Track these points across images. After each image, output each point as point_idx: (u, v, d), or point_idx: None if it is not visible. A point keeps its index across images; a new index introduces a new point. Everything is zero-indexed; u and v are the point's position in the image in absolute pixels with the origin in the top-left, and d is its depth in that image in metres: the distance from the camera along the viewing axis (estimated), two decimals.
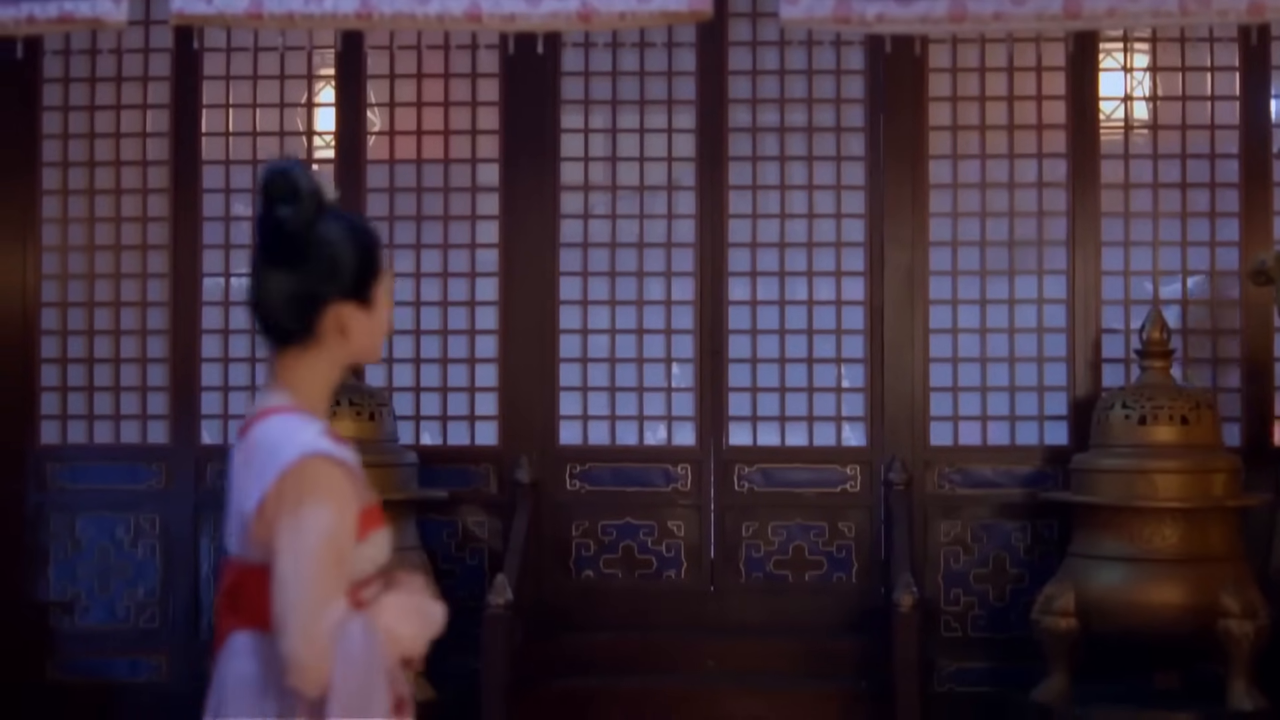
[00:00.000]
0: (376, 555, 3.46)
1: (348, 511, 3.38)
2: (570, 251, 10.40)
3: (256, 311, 3.53)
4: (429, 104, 10.49)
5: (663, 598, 10.15)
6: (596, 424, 10.39)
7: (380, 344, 3.63)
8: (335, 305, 3.48)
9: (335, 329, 3.49)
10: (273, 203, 3.46)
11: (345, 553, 3.36)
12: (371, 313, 3.53)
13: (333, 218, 3.51)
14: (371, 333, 3.55)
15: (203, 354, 10.43)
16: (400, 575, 3.53)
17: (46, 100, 10.55)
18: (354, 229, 3.53)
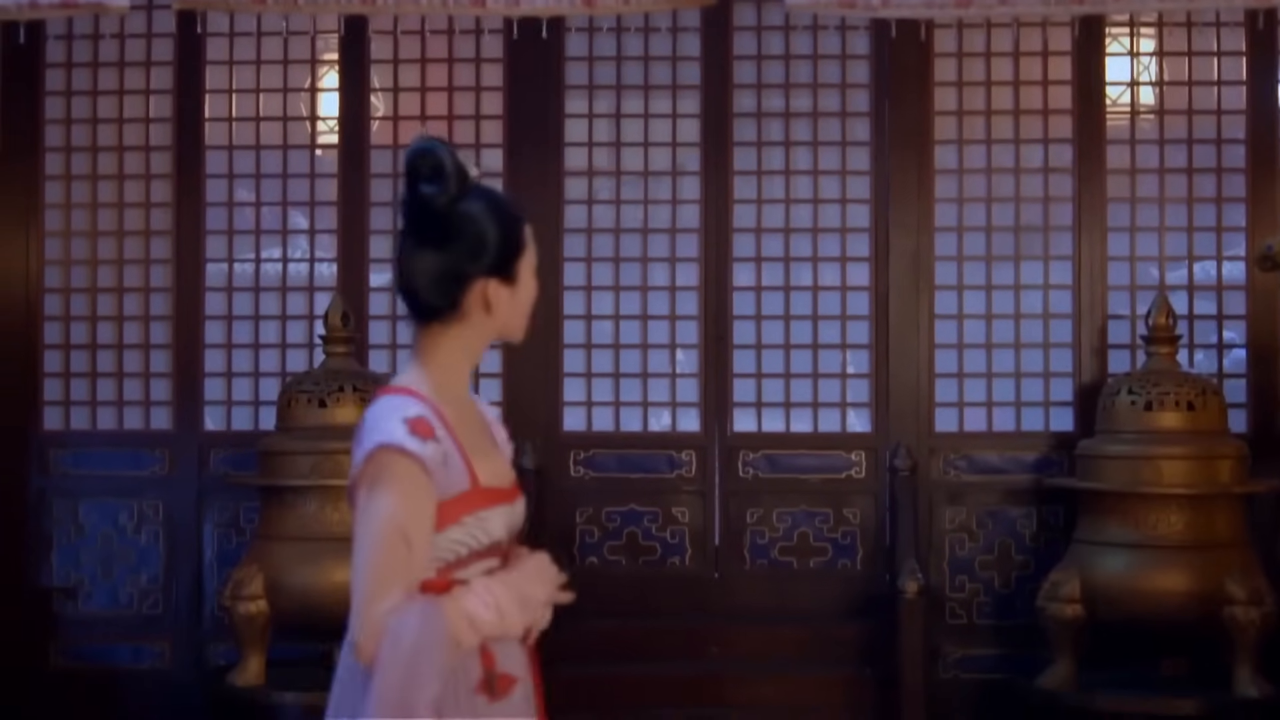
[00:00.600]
0: (471, 538, 3.48)
1: (414, 501, 3.39)
2: (574, 237, 10.39)
3: (402, 289, 3.60)
4: (433, 89, 10.47)
5: (667, 584, 10.13)
6: (600, 410, 10.38)
7: (524, 320, 3.69)
8: (480, 282, 3.56)
9: (480, 306, 3.57)
10: (417, 181, 3.55)
11: (411, 540, 3.37)
12: (516, 289, 3.62)
13: (477, 195, 3.59)
14: (516, 309, 3.64)
15: (206, 340, 10.41)
16: (517, 554, 3.58)
17: (49, 85, 10.52)
18: (498, 206, 3.61)
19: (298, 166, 10.48)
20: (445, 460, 3.46)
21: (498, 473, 3.59)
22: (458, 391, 3.60)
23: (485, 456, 3.58)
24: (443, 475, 3.45)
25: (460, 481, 3.47)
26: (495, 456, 3.64)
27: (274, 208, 10.52)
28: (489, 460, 3.59)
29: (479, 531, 3.49)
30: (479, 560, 3.50)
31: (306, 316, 10.38)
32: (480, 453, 3.56)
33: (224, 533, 10.20)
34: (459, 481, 3.47)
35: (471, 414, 3.65)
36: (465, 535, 3.47)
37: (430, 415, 3.47)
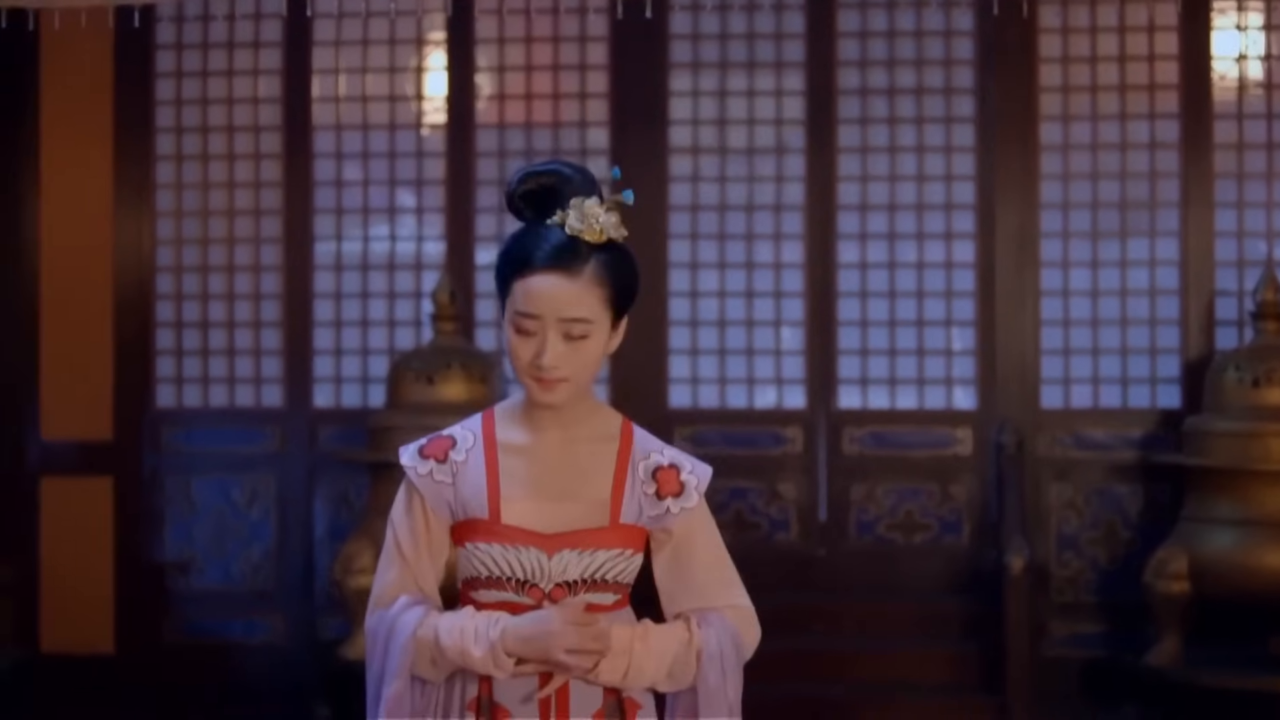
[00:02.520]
0: (470, 565, 3.52)
1: (408, 514, 3.56)
2: (679, 215, 10.42)
3: None
4: (538, 68, 10.52)
5: (772, 560, 10.14)
6: (706, 386, 10.43)
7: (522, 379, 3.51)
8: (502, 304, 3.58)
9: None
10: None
11: (403, 548, 3.54)
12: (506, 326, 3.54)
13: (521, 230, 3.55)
14: (510, 358, 3.54)
15: (315, 318, 10.52)
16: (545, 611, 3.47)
17: (160, 67, 10.65)
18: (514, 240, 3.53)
19: (405, 146, 10.57)
20: (454, 480, 3.53)
21: (549, 517, 3.51)
22: (541, 424, 3.56)
23: (540, 498, 3.53)
24: (448, 493, 3.53)
25: (477, 509, 3.52)
26: (560, 504, 3.53)
27: (381, 187, 10.61)
28: (544, 502, 3.52)
29: (476, 562, 3.50)
30: (492, 589, 3.51)
31: (414, 294, 10.48)
32: (535, 493, 3.53)
33: (334, 508, 10.31)
34: (475, 508, 3.52)
35: (562, 451, 3.57)
36: (466, 560, 3.52)
37: (469, 437, 3.57)
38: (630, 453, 3.61)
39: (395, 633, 3.50)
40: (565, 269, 3.43)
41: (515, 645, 3.43)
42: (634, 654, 3.48)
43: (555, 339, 3.44)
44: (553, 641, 3.40)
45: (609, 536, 3.52)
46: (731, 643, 3.60)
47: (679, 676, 3.55)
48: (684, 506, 3.60)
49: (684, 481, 3.62)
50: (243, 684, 10.27)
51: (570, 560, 3.48)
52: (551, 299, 3.42)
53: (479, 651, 3.43)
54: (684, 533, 3.62)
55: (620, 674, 3.47)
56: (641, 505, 3.57)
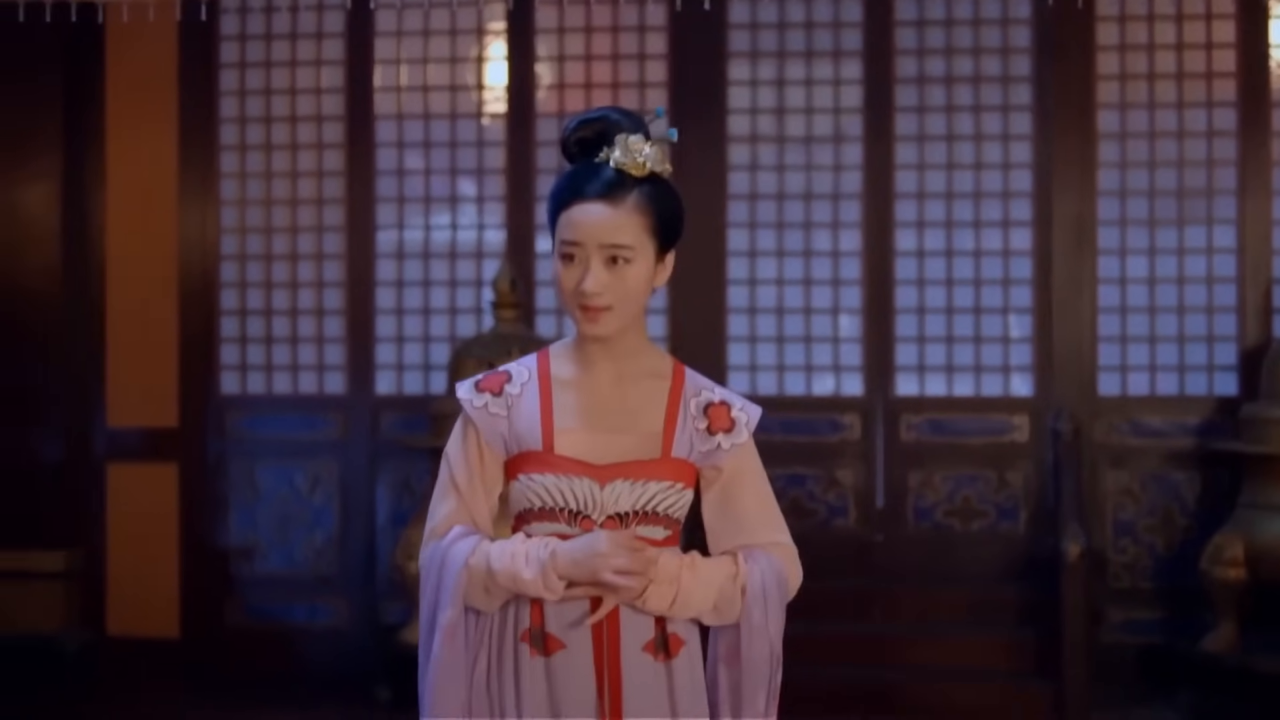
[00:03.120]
0: (524, 497, 3.57)
1: (462, 445, 3.62)
2: (738, 203, 10.49)
3: None
4: (597, 58, 10.60)
5: (830, 546, 10.19)
6: (764, 374, 10.49)
7: (569, 311, 3.60)
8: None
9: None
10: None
11: (456, 480, 3.61)
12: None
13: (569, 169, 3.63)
14: (557, 291, 3.62)
15: (377, 305, 10.63)
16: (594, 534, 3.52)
17: (224, 58, 10.76)
18: (561, 179, 3.61)
19: (465, 135, 10.66)
20: (509, 413, 3.60)
21: (602, 448, 3.59)
22: (594, 361, 3.64)
23: (593, 429, 3.60)
24: (502, 426, 3.60)
25: (531, 441, 3.58)
26: (613, 435, 3.60)
27: (443, 175, 10.70)
28: (597, 434, 3.60)
29: (529, 493, 3.56)
30: (545, 520, 3.57)
31: (475, 282, 10.57)
32: (588, 425, 3.60)
33: (395, 494, 10.41)
34: (529, 440, 3.58)
35: (615, 387, 3.65)
36: (520, 492, 3.57)
37: (525, 373, 3.66)
38: (682, 389, 3.67)
39: (448, 563, 3.56)
40: (607, 197, 3.51)
41: (565, 566, 3.48)
42: (682, 582, 3.54)
43: (598, 265, 3.52)
44: (601, 562, 3.45)
45: (661, 468, 3.58)
46: (775, 580, 3.66)
47: (724, 610, 3.60)
48: (735, 442, 3.65)
49: (735, 418, 3.68)
50: (305, 667, 10.38)
51: (622, 490, 3.55)
52: (593, 226, 3.50)
53: (530, 574, 3.49)
54: (733, 470, 3.67)
55: (668, 602, 3.53)
56: (693, 440, 3.63)
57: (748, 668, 3.64)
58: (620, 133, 3.55)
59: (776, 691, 3.71)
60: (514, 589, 3.52)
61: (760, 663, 3.65)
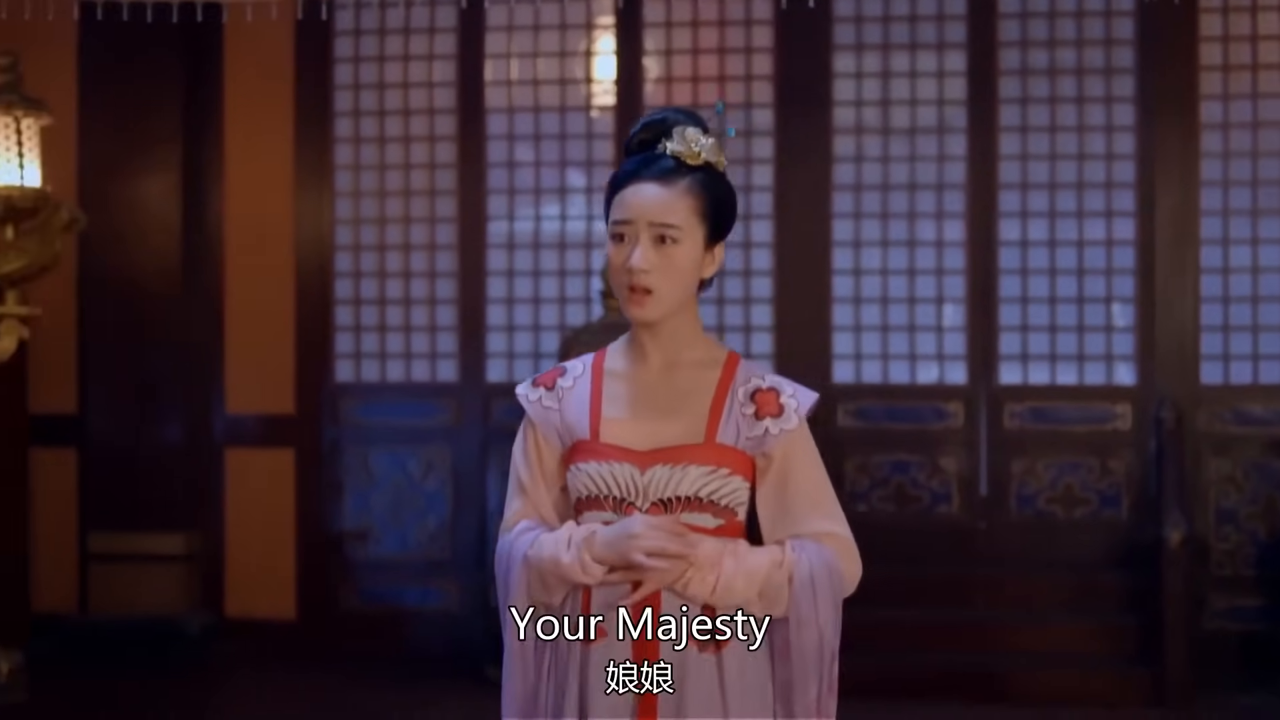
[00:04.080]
0: (574, 486, 3.61)
1: (524, 441, 3.70)
2: (843, 194, 10.60)
3: None
4: (704, 51, 10.73)
5: (934, 533, 10.32)
6: (869, 362, 10.60)
7: (618, 294, 3.61)
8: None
9: None
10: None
11: (520, 475, 3.69)
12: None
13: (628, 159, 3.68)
14: (609, 273, 3.65)
15: (489, 295, 10.81)
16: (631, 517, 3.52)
17: (339, 53, 10.96)
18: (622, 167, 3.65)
19: (575, 128, 10.82)
20: (560, 406, 3.65)
21: (645, 435, 3.58)
22: (647, 352, 3.64)
23: (638, 417, 3.60)
24: (556, 419, 3.65)
25: (580, 431, 3.61)
26: (656, 422, 3.59)
27: (552, 167, 10.87)
28: (641, 421, 3.59)
29: (578, 481, 3.58)
30: (594, 509, 3.58)
31: (584, 272, 10.73)
32: (633, 413, 3.61)
33: (506, 480, 10.52)
34: (579, 430, 3.62)
35: (665, 376, 3.64)
36: (571, 481, 3.61)
37: (580, 366, 3.72)
38: (733, 378, 3.63)
39: (512, 558, 3.61)
40: (659, 179, 3.55)
41: (601, 550, 3.49)
42: (723, 569, 3.48)
43: (646, 244, 3.53)
44: (633, 544, 3.45)
45: (702, 453, 3.54)
46: (825, 569, 3.57)
47: (771, 599, 3.53)
48: (783, 428, 3.60)
49: (783, 404, 3.63)
50: (417, 649, 10.56)
51: (662, 476, 3.53)
52: (643, 205, 3.54)
53: (568, 558, 3.50)
54: (783, 456, 3.61)
55: (709, 588, 3.48)
56: (739, 426, 3.58)
57: (797, 660, 3.56)
58: (679, 126, 3.61)
59: (833, 687, 3.63)
60: (557, 575, 3.52)
61: (810, 655, 3.57)
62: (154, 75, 10.70)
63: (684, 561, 3.46)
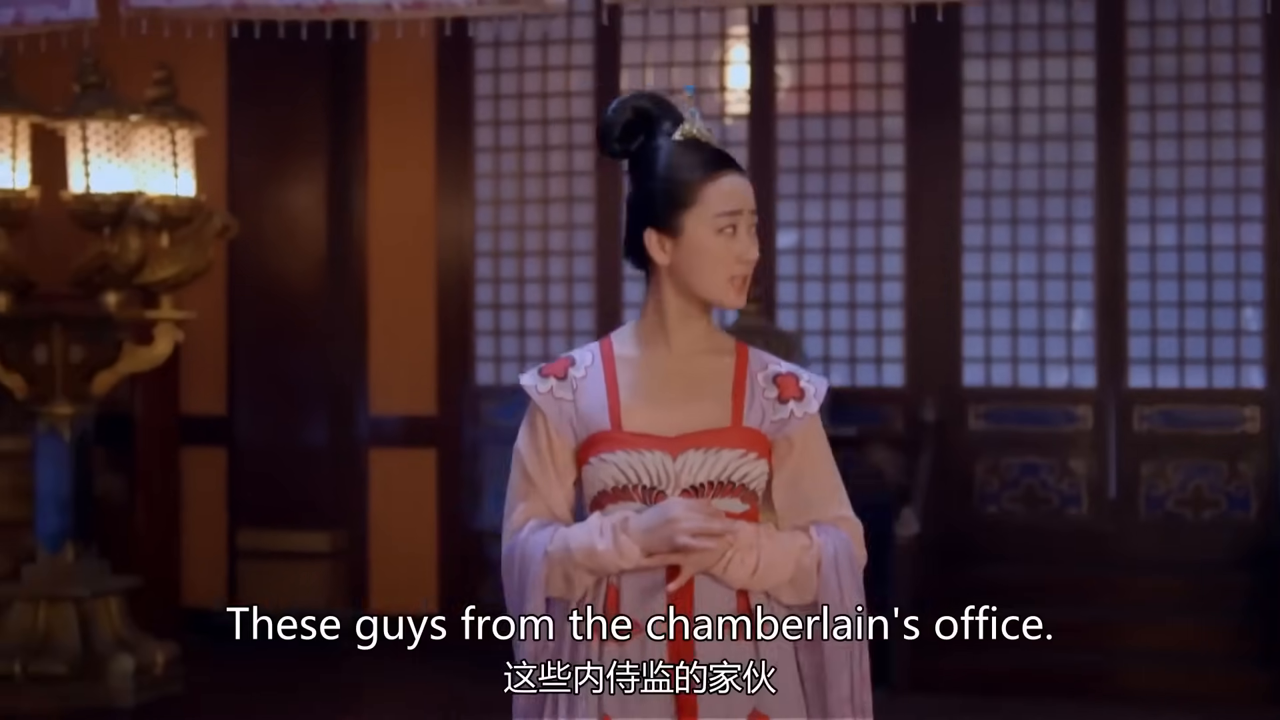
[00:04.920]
0: (598, 478, 3.47)
1: (531, 434, 3.54)
2: (973, 200, 10.75)
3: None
4: (836, 60, 10.91)
5: (1063, 534, 10.43)
6: (999, 366, 10.74)
7: (715, 279, 3.47)
8: (648, 233, 3.48)
9: (655, 258, 3.49)
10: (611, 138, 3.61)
11: (527, 470, 3.53)
12: (680, 243, 3.47)
13: (660, 149, 3.49)
14: (690, 265, 3.47)
15: (624, 299, 11.05)
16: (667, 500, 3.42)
17: (479, 64, 11.24)
18: (667, 158, 3.47)
19: None
20: (575, 396, 3.52)
21: (672, 421, 3.48)
22: (671, 339, 3.53)
23: (661, 404, 3.50)
24: (569, 410, 3.51)
25: (599, 422, 3.49)
26: (681, 407, 3.49)
27: None
28: (665, 408, 3.49)
29: (602, 474, 3.46)
30: (619, 501, 3.47)
31: None
32: (655, 400, 3.50)
33: None
34: (597, 421, 3.50)
35: (682, 363, 3.54)
36: (592, 475, 3.48)
37: (588, 356, 3.58)
38: (748, 364, 3.56)
39: (529, 554, 3.47)
40: (739, 169, 3.53)
41: (640, 535, 3.38)
42: (763, 549, 3.42)
43: (748, 233, 3.49)
44: (675, 526, 3.35)
45: (732, 436, 3.48)
46: (847, 554, 3.51)
47: (801, 584, 3.47)
48: (806, 411, 3.54)
49: (804, 388, 3.57)
50: None
51: (695, 460, 3.45)
52: (746, 194, 3.49)
53: (604, 544, 3.39)
54: (804, 441, 3.55)
55: (749, 569, 3.41)
56: (764, 410, 3.52)
57: (829, 650, 3.48)
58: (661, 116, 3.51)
59: (865, 679, 3.53)
60: (590, 564, 3.41)
61: (839, 643, 3.49)
62: (300, 87, 11.01)
63: (725, 543, 3.38)
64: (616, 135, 3.53)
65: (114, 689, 9.01)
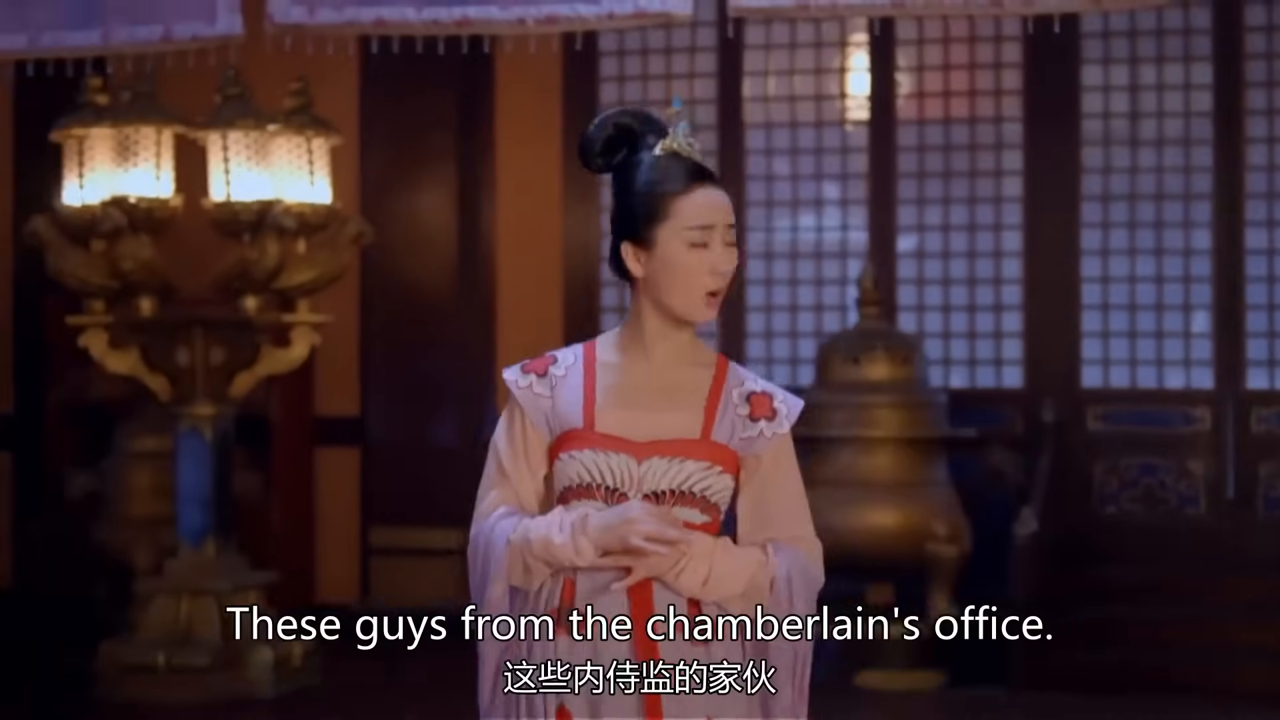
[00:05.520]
0: (565, 475, 3.53)
1: (508, 425, 3.60)
2: (1091, 204, 10.87)
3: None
4: (955, 67, 11.07)
5: (1181, 534, 10.51)
6: (1117, 368, 10.87)
7: (687, 293, 3.47)
8: (625, 246, 3.53)
9: (632, 270, 3.54)
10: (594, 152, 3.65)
11: (501, 459, 3.58)
12: (652, 256, 3.50)
13: (639, 163, 3.53)
14: (663, 278, 3.50)
15: (748, 303, 11.23)
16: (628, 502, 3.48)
17: (604, 72, 11.53)
18: (643, 173, 3.51)
19: (830, 142, 11.22)
20: (552, 394, 3.57)
21: (641, 427, 3.52)
22: (649, 350, 3.56)
23: (634, 408, 3.54)
24: (545, 406, 3.57)
25: (573, 419, 3.54)
26: (653, 414, 3.54)
27: (808, 180, 11.28)
28: (638, 413, 3.53)
29: (570, 469, 3.52)
30: (583, 498, 3.52)
31: (839, 281, 11.12)
32: (630, 405, 3.54)
33: None
34: (571, 419, 3.54)
35: (660, 373, 3.57)
36: (560, 469, 3.54)
37: (570, 356, 3.63)
38: (725, 378, 3.59)
39: (493, 541, 3.52)
40: (715, 182, 3.52)
41: (596, 533, 3.44)
42: (715, 560, 3.47)
43: (723, 246, 3.48)
44: (632, 527, 3.40)
45: (699, 449, 3.52)
46: (801, 574, 3.55)
47: (752, 598, 3.52)
48: (776, 431, 3.55)
49: (776, 408, 3.58)
50: None
51: (659, 468, 3.49)
52: (719, 208, 3.48)
53: (561, 539, 3.44)
54: (771, 459, 3.57)
55: (700, 579, 3.46)
56: (734, 426, 3.55)
57: (773, 661, 3.53)
58: (644, 131, 3.55)
59: (803, 691, 3.60)
60: (546, 557, 3.46)
61: (785, 658, 3.54)
62: (429, 96, 11.25)
63: (678, 551, 3.44)
64: (597, 151, 3.56)
65: (254, 680, 9.27)
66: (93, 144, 9.26)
